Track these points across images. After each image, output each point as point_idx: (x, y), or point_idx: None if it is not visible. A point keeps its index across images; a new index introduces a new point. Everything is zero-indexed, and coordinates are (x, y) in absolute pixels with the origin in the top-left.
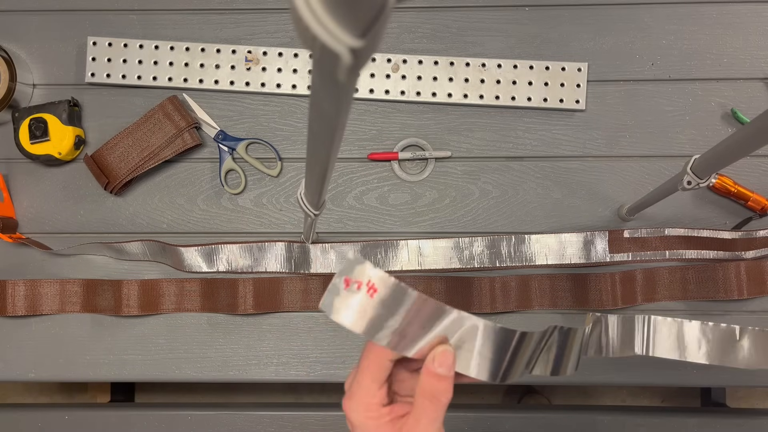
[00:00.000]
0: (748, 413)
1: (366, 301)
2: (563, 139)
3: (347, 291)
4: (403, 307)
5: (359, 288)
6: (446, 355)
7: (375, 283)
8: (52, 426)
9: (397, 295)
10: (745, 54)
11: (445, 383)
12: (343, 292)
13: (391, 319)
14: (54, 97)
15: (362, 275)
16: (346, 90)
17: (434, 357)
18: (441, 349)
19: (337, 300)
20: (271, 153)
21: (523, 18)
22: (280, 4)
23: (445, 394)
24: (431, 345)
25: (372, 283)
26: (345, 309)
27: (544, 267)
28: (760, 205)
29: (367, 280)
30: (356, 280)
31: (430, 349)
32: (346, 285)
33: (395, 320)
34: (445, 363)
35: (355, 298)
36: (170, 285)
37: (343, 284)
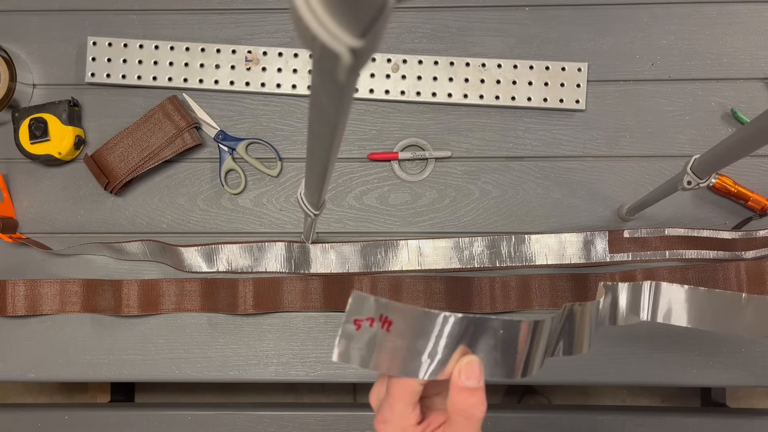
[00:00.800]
0: (748, 413)
1: (384, 337)
2: (563, 139)
3: (360, 332)
4: (425, 330)
5: (372, 325)
6: (472, 366)
7: (387, 315)
8: (52, 426)
9: (414, 319)
10: (745, 54)
11: (476, 396)
12: (356, 334)
13: (417, 346)
14: (54, 97)
15: (371, 310)
16: (346, 90)
17: (460, 371)
18: (465, 361)
19: (352, 345)
20: (271, 153)
21: (523, 18)
22: (280, 4)
23: (478, 407)
24: (455, 360)
25: (384, 317)
26: (365, 352)
27: (544, 267)
28: (760, 205)
29: (378, 314)
30: (367, 318)
31: (454, 364)
32: (357, 327)
33: (422, 345)
34: (472, 374)
35: (371, 337)
36: (170, 285)
37: (353, 327)
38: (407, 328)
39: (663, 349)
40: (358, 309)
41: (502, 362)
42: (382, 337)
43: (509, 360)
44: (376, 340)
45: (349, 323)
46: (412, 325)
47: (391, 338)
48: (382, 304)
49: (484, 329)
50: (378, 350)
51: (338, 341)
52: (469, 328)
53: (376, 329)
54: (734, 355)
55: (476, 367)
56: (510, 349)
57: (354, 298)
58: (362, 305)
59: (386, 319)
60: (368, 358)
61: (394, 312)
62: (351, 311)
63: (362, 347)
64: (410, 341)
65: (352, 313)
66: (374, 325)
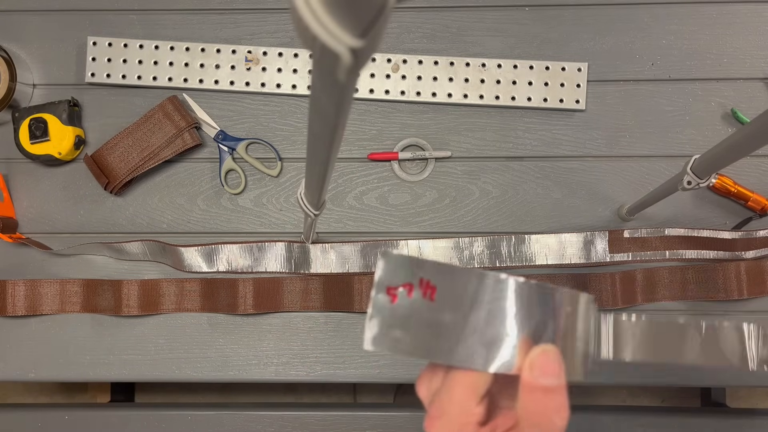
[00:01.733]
0: (748, 413)
1: (428, 309)
2: (563, 139)
3: (397, 305)
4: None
5: (411, 293)
6: (547, 358)
7: (429, 279)
8: (52, 426)
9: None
10: (745, 54)
11: (554, 398)
12: (392, 308)
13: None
14: (54, 97)
15: (406, 272)
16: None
17: (531, 364)
18: (538, 351)
19: (390, 324)
20: (271, 153)
21: (523, 18)
22: (280, 4)
23: (558, 412)
24: (522, 349)
25: (425, 280)
26: (407, 333)
27: (544, 267)
28: (760, 205)
29: (417, 279)
30: (404, 284)
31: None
32: (392, 297)
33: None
34: (549, 369)
35: (411, 310)
36: (170, 285)
37: (387, 298)
38: (456, 296)
39: None
40: (391, 273)
41: None
42: (426, 309)
43: None
44: (418, 315)
45: (382, 293)
46: (462, 290)
47: (437, 311)
48: (420, 262)
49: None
50: (423, 329)
51: (369, 320)
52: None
53: (417, 298)
54: None
55: (553, 359)
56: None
57: (384, 258)
58: (396, 267)
59: (428, 283)
60: (412, 342)
61: (437, 272)
62: (383, 277)
63: (403, 326)
64: (463, 315)
65: (384, 280)
66: (413, 292)
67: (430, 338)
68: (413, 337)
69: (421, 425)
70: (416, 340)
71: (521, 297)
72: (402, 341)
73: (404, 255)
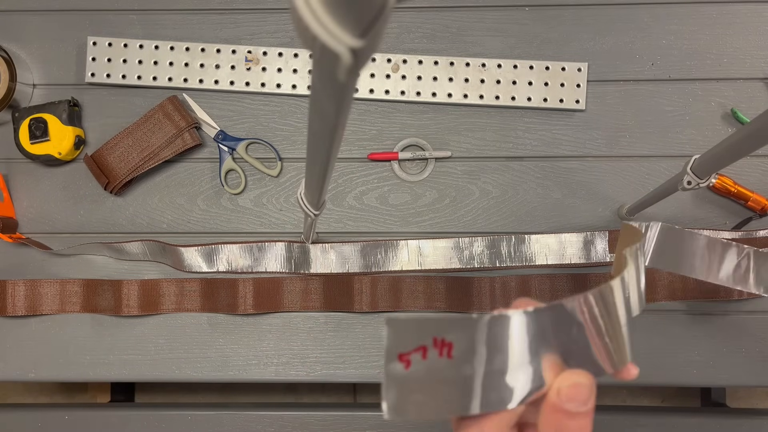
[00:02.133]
0: (748, 413)
1: (448, 367)
2: (563, 139)
3: (412, 370)
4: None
5: (425, 356)
6: (578, 389)
7: (444, 337)
8: (52, 426)
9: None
10: (745, 54)
11: (579, 422)
12: (407, 374)
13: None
14: (54, 97)
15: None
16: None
17: (559, 390)
18: (569, 382)
19: (407, 391)
20: (271, 153)
21: (523, 18)
22: (280, 4)
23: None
24: (550, 372)
25: (440, 339)
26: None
27: (544, 267)
28: (760, 205)
29: (431, 339)
30: (416, 348)
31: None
32: (405, 364)
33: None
34: (578, 397)
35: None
36: (170, 285)
37: (400, 366)
38: (475, 347)
39: (663, 349)
40: (400, 339)
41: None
42: (446, 368)
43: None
44: (438, 375)
45: (393, 361)
46: (480, 340)
47: (458, 366)
48: (431, 323)
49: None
50: (445, 388)
51: (385, 391)
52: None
53: (433, 359)
54: (734, 355)
55: (584, 390)
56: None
57: (390, 326)
58: (404, 333)
59: (443, 341)
60: (436, 403)
61: (451, 329)
62: (391, 345)
63: (422, 390)
64: (482, 363)
65: (393, 348)
66: (428, 354)
67: (454, 395)
68: (435, 398)
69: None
70: (439, 400)
71: (530, 325)
72: (425, 405)
73: (411, 317)
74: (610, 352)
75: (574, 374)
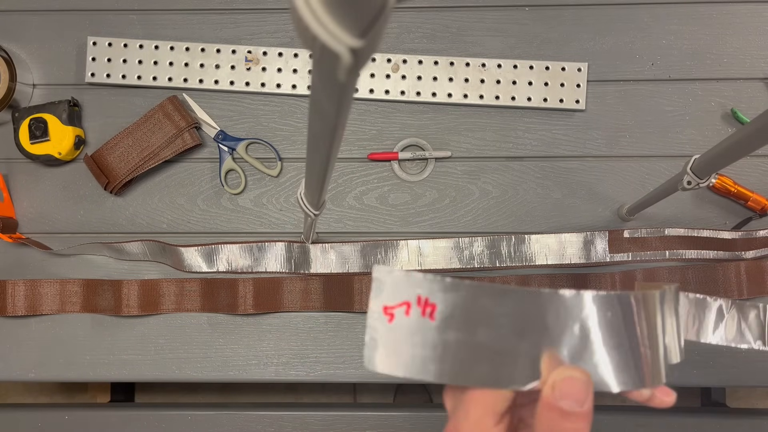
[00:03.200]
0: (748, 413)
1: (430, 329)
2: (563, 139)
3: (393, 323)
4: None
5: (408, 313)
6: (572, 383)
7: (427, 296)
8: (52, 426)
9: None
10: (745, 54)
11: (575, 423)
12: (389, 327)
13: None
14: (54, 97)
15: (404, 292)
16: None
17: (554, 384)
18: (562, 376)
19: (383, 341)
20: (271, 153)
21: (523, 18)
22: (280, 4)
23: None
24: (546, 365)
25: (424, 298)
26: (400, 350)
27: (544, 267)
28: (760, 205)
29: (415, 297)
30: (400, 302)
31: (547, 371)
32: (388, 317)
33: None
34: (572, 393)
35: (408, 329)
36: (170, 285)
37: (383, 316)
38: (460, 314)
39: None
40: (386, 291)
41: (622, 363)
42: (427, 329)
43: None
44: (419, 335)
45: (378, 312)
46: (467, 308)
47: (441, 330)
48: (418, 280)
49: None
50: (426, 350)
51: (367, 341)
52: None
53: (415, 318)
54: (734, 355)
55: (579, 385)
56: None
57: (378, 274)
58: (390, 285)
59: (426, 301)
60: (413, 363)
61: (437, 290)
62: (378, 295)
63: (401, 346)
64: (469, 333)
65: (379, 298)
66: (411, 312)
67: (436, 359)
68: (413, 357)
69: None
70: (417, 360)
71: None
72: (402, 362)
73: (399, 271)
74: (649, 364)
75: (570, 369)
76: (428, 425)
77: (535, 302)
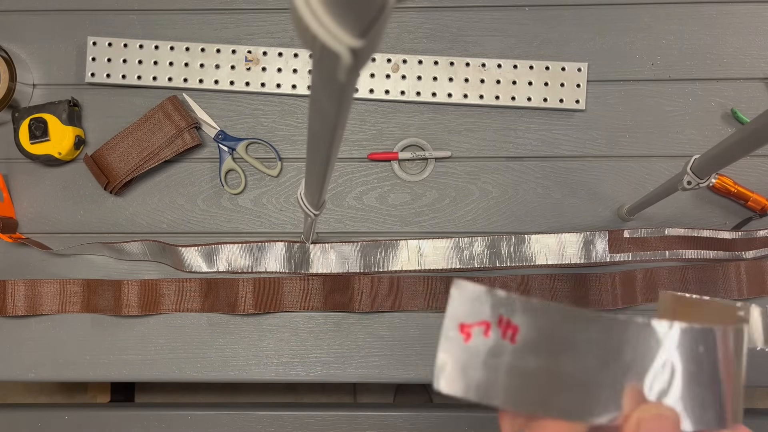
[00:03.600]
0: (748, 413)
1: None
2: (563, 139)
3: (471, 344)
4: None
5: (488, 333)
6: (661, 422)
7: (510, 318)
8: (52, 426)
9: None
10: (745, 54)
11: None
12: (466, 348)
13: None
14: (54, 97)
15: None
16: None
17: (638, 422)
18: (652, 413)
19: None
20: (271, 153)
21: (523, 18)
22: (280, 4)
23: None
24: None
25: (505, 319)
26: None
27: (544, 267)
28: (760, 205)
29: (496, 316)
30: (479, 322)
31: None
32: (465, 336)
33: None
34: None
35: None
36: (170, 285)
37: (460, 336)
38: (543, 339)
39: None
40: (466, 307)
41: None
42: (507, 353)
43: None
44: (497, 359)
45: (453, 329)
46: (550, 333)
47: (521, 355)
48: (501, 299)
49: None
50: (503, 375)
51: (439, 360)
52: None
53: (495, 339)
54: None
55: (668, 425)
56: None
57: (457, 289)
58: (471, 301)
59: (509, 322)
60: (491, 387)
61: (520, 311)
62: (454, 312)
63: (477, 368)
64: (550, 360)
65: (455, 316)
66: (490, 333)
67: (512, 385)
68: (489, 382)
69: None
70: (492, 386)
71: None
72: (478, 386)
73: (481, 287)
74: (732, 402)
75: (657, 406)
76: (428, 425)
77: (623, 331)
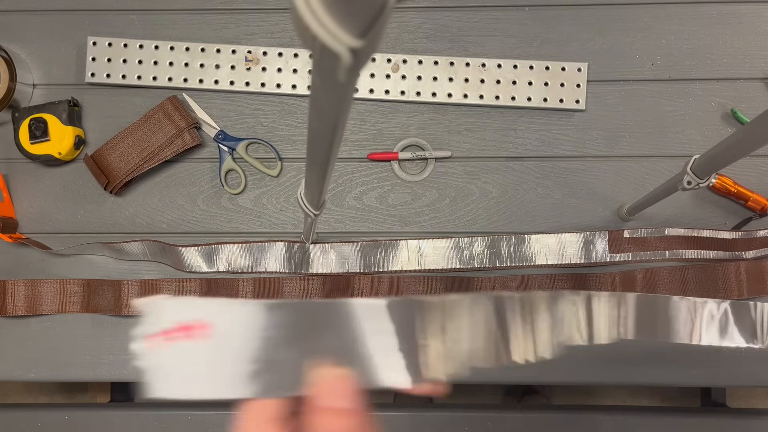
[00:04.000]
0: (748, 413)
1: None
2: (563, 139)
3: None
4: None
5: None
6: (332, 380)
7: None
8: (52, 426)
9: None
10: (745, 54)
11: (341, 419)
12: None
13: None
14: (54, 97)
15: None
16: (346, 90)
17: (317, 386)
18: (331, 375)
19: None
20: (271, 153)
21: (523, 18)
22: (280, 4)
23: None
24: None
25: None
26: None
27: (544, 267)
28: (760, 205)
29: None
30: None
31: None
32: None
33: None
34: (338, 391)
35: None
36: (170, 285)
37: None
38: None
39: (663, 350)
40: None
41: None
42: (199, 349)
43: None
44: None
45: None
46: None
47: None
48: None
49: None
50: (200, 369)
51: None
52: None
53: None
54: (734, 355)
55: (344, 382)
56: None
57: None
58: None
59: (196, 323)
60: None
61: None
62: (144, 327)
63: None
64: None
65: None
66: (180, 335)
67: (210, 378)
68: (191, 381)
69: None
70: (195, 383)
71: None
72: (180, 386)
73: (163, 299)
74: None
75: (328, 367)
76: (428, 425)
77: (307, 313)
